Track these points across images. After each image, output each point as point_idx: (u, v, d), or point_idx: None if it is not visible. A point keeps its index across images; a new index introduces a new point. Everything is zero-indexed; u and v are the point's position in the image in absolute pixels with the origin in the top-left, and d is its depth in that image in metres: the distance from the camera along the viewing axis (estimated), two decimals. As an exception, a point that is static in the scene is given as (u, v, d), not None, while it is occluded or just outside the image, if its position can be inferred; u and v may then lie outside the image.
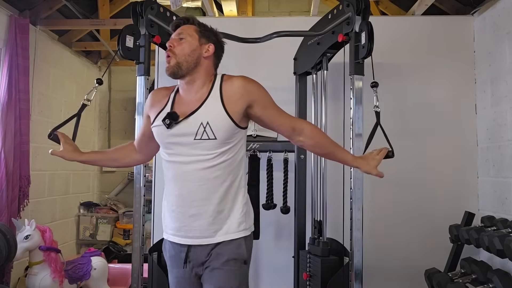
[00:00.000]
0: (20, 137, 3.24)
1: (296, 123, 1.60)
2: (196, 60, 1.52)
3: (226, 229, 1.51)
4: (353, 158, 1.72)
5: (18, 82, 3.23)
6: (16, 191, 3.20)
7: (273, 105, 1.58)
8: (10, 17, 3.27)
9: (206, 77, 1.56)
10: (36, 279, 2.81)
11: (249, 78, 1.55)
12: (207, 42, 1.56)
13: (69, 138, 1.83)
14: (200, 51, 1.53)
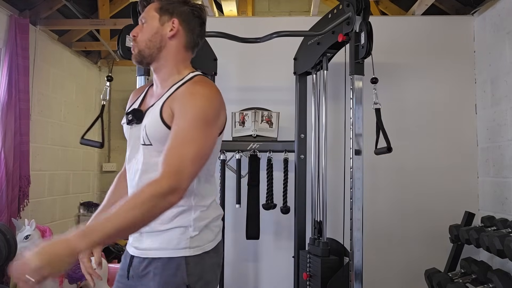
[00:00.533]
0: (20, 137, 3.25)
1: (164, 163, 1.11)
2: (159, 44, 1.28)
3: (161, 241, 1.22)
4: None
5: (18, 82, 3.23)
6: (16, 191, 3.20)
7: (186, 123, 1.15)
8: (10, 17, 3.27)
9: (175, 65, 1.30)
10: (36, 279, 2.81)
11: (204, 87, 1.23)
12: (170, 18, 1.28)
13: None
14: (162, 32, 1.28)
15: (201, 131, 1.16)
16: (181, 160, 1.12)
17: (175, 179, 1.09)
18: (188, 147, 1.13)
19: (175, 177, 1.09)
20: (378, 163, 2.80)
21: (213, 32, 2.27)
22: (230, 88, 2.92)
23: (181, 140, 1.15)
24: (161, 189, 1.07)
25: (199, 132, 1.16)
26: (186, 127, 1.16)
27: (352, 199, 2.06)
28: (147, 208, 1.06)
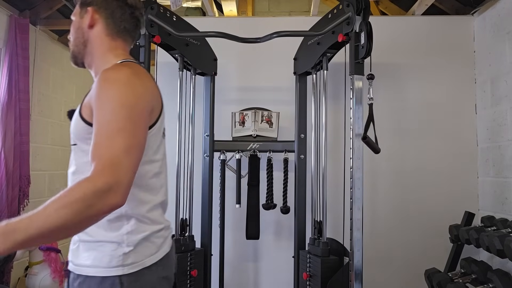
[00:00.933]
0: (20, 137, 3.25)
1: (94, 159, 0.96)
2: (83, 38, 1.19)
3: (95, 257, 1.09)
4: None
5: (18, 82, 3.23)
6: (16, 191, 3.20)
7: (106, 114, 1.01)
8: (10, 17, 3.27)
9: (102, 56, 1.19)
10: (36, 279, 2.81)
11: (117, 72, 1.09)
12: (85, 8, 1.19)
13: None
14: (82, 25, 1.19)
15: (125, 118, 1.00)
16: (112, 152, 0.95)
17: (110, 174, 0.92)
18: (116, 138, 0.97)
19: (109, 171, 0.92)
20: (378, 163, 2.80)
21: (213, 32, 2.28)
22: (230, 88, 2.92)
23: (106, 132, 0.99)
24: (94, 187, 0.90)
25: (124, 120, 1.00)
26: (107, 118, 1.00)
27: (352, 199, 2.06)
28: (80, 209, 0.89)
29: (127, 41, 1.25)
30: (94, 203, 0.90)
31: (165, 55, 2.60)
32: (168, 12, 2.30)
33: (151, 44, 2.23)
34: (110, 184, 0.91)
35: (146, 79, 1.14)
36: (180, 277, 2.26)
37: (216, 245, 2.62)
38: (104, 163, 0.93)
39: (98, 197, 0.90)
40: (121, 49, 1.23)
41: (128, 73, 1.09)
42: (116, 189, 0.91)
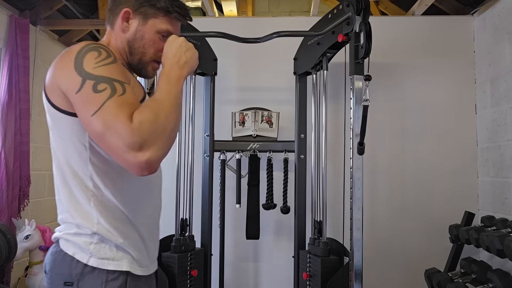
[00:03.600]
0: (20, 137, 3.25)
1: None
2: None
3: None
4: None
5: (18, 82, 3.24)
6: (16, 191, 3.20)
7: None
8: (10, 17, 3.27)
9: None
10: (36, 279, 2.82)
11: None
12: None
13: None
14: None
15: None
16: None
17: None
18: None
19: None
20: (378, 163, 2.80)
21: (213, 32, 2.28)
22: (230, 88, 2.92)
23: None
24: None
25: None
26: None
27: (352, 199, 2.06)
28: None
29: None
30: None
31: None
32: (168, 12, 2.30)
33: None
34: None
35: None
36: (180, 277, 2.27)
37: (216, 245, 2.62)
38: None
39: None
40: None
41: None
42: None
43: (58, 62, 1.05)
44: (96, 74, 0.98)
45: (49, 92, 1.05)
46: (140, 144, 0.91)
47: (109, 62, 1.02)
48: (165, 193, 2.75)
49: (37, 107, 3.75)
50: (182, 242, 2.34)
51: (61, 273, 1.05)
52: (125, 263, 1.09)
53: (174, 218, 2.37)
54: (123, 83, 1.00)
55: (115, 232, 1.08)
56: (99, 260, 1.05)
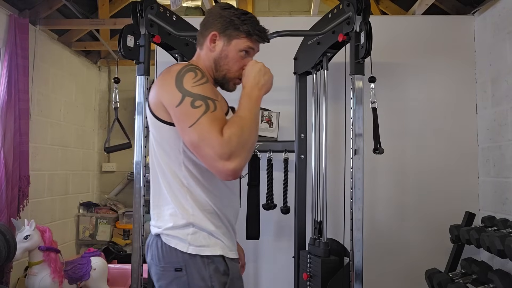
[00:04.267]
0: (20, 137, 3.24)
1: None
2: None
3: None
4: None
5: (18, 82, 3.23)
6: (16, 191, 3.20)
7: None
8: (10, 17, 3.26)
9: None
10: (35, 279, 2.81)
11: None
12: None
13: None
14: None
15: None
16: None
17: None
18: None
19: None
20: (378, 163, 2.80)
21: (213, 32, 2.27)
22: (230, 88, 2.92)
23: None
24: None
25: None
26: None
27: (352, 199, 2.06)
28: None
29: None
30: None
31: (165, 55, 2.59)
32: (168, 11, 2.29)
33: (151, 44, 2.23)
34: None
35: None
36: (180, 277, 2.26)
37: (216, 245, 2.61)
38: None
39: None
40: None
41: None
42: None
43: (160, 81, 1.27)
44: (194, 92, 1.18)
45: (153, 107, 1.27)
46: (229, 155, 1.11)
47: (204, 82, 1.22)
48: (165, 193, 2.73)
49: (37, 107, 3.75)
50: (182, 242, 2.33)
51: (171, 261, 1.25)
52: (218, 248, 1.27)
53: (174, 218, 2.36)
54: (215, 101, 1.19)
55: (208, 222, 1.27)
56: (196, 247, 1.24)
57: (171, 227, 1.27)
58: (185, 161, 1.26)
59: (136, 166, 2.17)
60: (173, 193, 1.28)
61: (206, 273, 1.23)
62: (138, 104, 2.20)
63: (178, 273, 1.24)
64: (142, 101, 2.18)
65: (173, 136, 1.24)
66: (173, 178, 1.27)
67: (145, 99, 2.19)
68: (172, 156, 1.27)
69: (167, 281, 1.26)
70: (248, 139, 1.15)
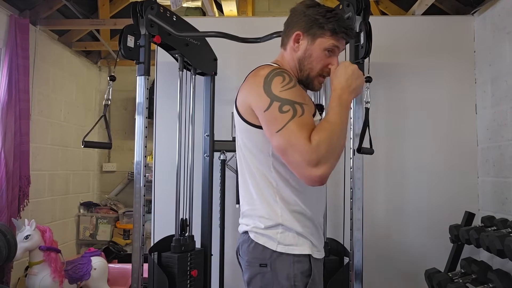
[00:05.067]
0: (20, 137, 3.25)
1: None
2: None
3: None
4: None
5: (18, 82, 3.23)
6: (16, 191, 3.20)
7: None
8: (10, 17, 3.27)
9: None
10: (36, 279, 2.81)
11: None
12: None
13: None
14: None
15: None
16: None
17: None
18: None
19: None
20: (378, 163, 2.80)
21: (213, 32, 2.28)
22: (230, 88, 2.92)
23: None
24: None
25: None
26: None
27: (352, 199, 2.06)
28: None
29: None
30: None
31: (165, 55, 2.60)
32: (168, 12, 2.30)
33: (151, 44, 2.23)
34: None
35: None
36: (180, 277, 2.26)
37: (216, 245, 2.62)
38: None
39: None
40: None
41: None
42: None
43: (248, 84, 1.31)
44: (282, 96, 1.18)
45: (241, 110, 1.32)
46: (317, 161, 1.13)
47: (291, 86, 1.22)
48: (165, 193, 2.77)
49: (37, 107, 3.75)
50: (182, 242, 2.34)
51: (257, 257, 1.28)
52: (307, 247, 1.28)
53: (174, 218, 2.37)
54: (302, 105, 1.19)
55: (295, 222, 1.28)
56: (285, 246, 1.26)
57: (262, 228, 1.29)
58: (274, 163, 1.27)
59: (136, 166, 2.17)
60: (262, 194, 1.30)
61: (291, 272, 1.24)
62: (139, 104, 2.20)
63: (263, 268, 1.26)
64: (142, 101, 2.19)
65: (262, 139, 1.26)
66: (263, 179, 1.29)
67: (145, 99, 2.19)
68: (262, 159, 1.29)
69: (251, 275, 1.29)
70: (337, 145, 1.15)
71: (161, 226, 2.62)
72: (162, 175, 2.84)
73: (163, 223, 2.62)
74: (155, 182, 2.87)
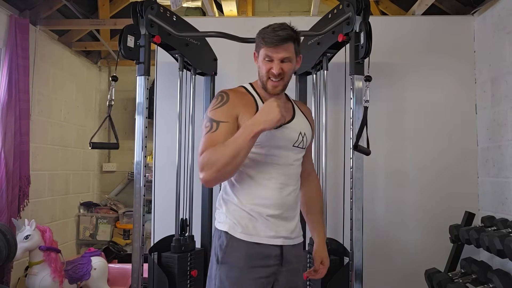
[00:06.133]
0: (20, 137, 3.24)
1: (314, 169, 1.79)
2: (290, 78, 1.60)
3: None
4: (320, 243, 1.83)
5: (18, 82, 3.23)
6: (16, 191, 3.20)
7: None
8: (10, 17, 3.26)
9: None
10: (36, 279, 2.81)
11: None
12: (298, 55, 1.58)
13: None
14: (295, 67, 1.58)
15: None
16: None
17: None
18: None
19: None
20: (378, 163, 2.80)
21: (213, 32, 2.28)
22: (230, 88, 2.92)
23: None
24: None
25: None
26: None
27: (352, 199, 2.06)
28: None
29: None
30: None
31: (165, 55, 2.60)
32: (168, 12, 2.30)
33: (151, 44, 2.23)
34: None
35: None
36: (180, 277, 2.26)
37: (216, 245, 2.61)
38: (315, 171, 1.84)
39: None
40: None
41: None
42: None
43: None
44: (208, 114, 1.52)
45: None
46: (201, 169, 1.40)
47: (219, 106, 1.52)
48: (165, 193, 2.76)
49: (37, 107, 3.75)
50: (182, 242, 2.34)
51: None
52: (226, 226, 1.52)
53: (174, 218, 2.37)
54: (219, 123, 1.47)
55: (225, 207, 1.56)
56: (218, 222, 1.56)
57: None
58: None
59: (136, 166, 2.17)
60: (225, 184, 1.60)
61: (216, 242, 1.55)
62: (139, 104, 2.20)
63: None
64: (143, 101, 2.19)
65: None
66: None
67: (145, 99, 2.19)
68: None
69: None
70: (217, 161, 1.37)
71: (161, 226, 2.62)
72: (162, 175, 2.84)
73: (163, 223, 2.62)
74: (155, 182, 2.87)
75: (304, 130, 1.59)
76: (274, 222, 1.51)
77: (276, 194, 1.51)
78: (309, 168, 1.73)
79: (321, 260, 1.77)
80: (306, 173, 1.70)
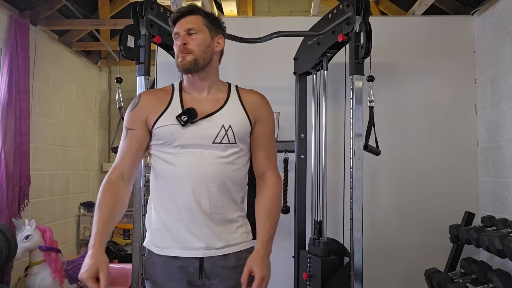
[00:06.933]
0: (20, 137, 3.25)
1: (271, 166, 1.51)
2: (210, 57, 1.44)
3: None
4: (256, 250, 1.52)
5: (18, 82, 3.23)
6: (16, 191, 3.20)
7: (271, 132, 1.52)
8: (10, 17, 3.27)
9: (216, 76, 1.49)
10: (36, 279, 2.81)
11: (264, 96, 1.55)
12: (217, 34, 1.46)
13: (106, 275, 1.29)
14: (212, 46, 1.44)
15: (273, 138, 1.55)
16: (276, 162, 1.54)
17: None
18: (275, 151, 1.54)
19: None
20: (378, 163, 2.80)
21: (213, 32, 2.27)
22: (230, 88, 2.92)
23: (272, 146, 1.52)
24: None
25: (274, 140, 1.55)
26: (271, 135, 1.52)
27: (352, 199, 2.06)
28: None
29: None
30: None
31: (165, 55, 2.60)
32: (168, 12, 2.30)
33: (151, 44, 2.23)
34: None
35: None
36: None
37: (216, 245, 2.61)
38: (277, 171, 1.54)
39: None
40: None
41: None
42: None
43: None
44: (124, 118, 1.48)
45: None
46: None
47: (129, 111, 1.46)
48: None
49: (37, 107, 3.75)
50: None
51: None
52: (147, 241, 1.47)
53: (174, 218, 2.36)
54: (128, 130, 1.43)
55: (148, 216, 1.48)
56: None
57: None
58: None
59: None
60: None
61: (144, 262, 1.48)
62: (139, 104, 2.20)
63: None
64: (143, 101, 2.19)
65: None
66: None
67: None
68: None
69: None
70: (95, 208, 1.34)
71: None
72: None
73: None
74: (155, 182, 2.87)
75: (231, 122, 1.40)
76: (189, 230, 1.37)
77: (189, 198, 1.37)
78: (263, 165, 1.50)
79: (250, 271, 1.39)
80: (260, 170, 1.52)
